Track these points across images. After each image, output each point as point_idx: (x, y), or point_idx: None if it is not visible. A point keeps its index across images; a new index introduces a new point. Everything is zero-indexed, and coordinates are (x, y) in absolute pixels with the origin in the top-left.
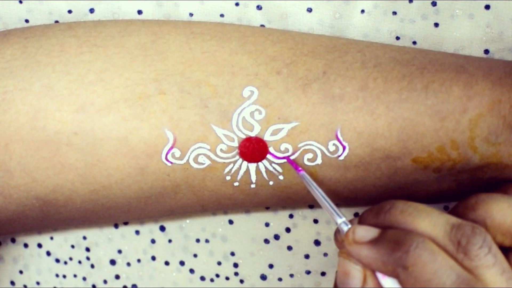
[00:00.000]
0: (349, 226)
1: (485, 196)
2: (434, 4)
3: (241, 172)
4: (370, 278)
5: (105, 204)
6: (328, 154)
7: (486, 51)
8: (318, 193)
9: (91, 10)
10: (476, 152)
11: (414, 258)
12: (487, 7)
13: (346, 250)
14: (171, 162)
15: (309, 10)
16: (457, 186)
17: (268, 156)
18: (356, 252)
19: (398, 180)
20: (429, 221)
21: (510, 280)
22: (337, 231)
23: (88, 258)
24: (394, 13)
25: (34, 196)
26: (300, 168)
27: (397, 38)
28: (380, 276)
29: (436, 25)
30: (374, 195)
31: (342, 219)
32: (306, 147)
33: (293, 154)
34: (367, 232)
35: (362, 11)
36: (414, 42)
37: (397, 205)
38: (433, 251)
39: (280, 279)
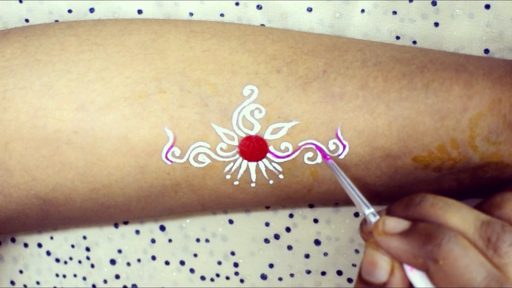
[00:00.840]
0: (377, 217)
1: (511, 195)
2: (434, 3)
3: (241, 171)
4: (398, 270)
5: (105, 203)
6: (328, 153)
7: (486, 51)
8: (346, 183)
9: (91, 10)
10: (476, 151)
11: (446, 252)
12: (487, 6)
13: (375, 240)
14: (171, 161)
15: (309, 9)
16: (458, 186)
17: (268, 155)
18: (386, 243)
19: (398, 179)
20: (460, 216)
21: None
22: (363, 222)
23: (88, 258)
24: (394, 12)
25: (34, 195)
26: (328, 157)
27: (397, 37)
28: (407, 268)
29: (436, 24)
30: (374, 194)
31: (370, 209)
32: (306, 146)
33: (293, 153)
34: (397, 224)
35: (362, 10)
36: (414, 42)
37: (427, 198)
38: (465, 246)
39: (280, 279)
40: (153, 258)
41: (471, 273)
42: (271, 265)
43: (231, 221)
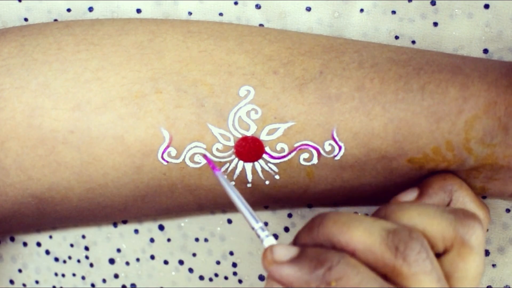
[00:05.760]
0: (265, 232)
1: (406, 204)
2: (433, 3)
3: (237, 172)
4: None
5: (102, 202)
6: (324, 154)
7: (485, 51)
8: (234, 195)
9: (90, 9)
10: (471, 153)
11: (338, 273)
12: (486, 6)
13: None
14: (167, 161)
15: (308, 9)
16: None
17: (264, 155)
18: (278, 272)
19: (394, 180)
20: (364, 228)
21: None
22: (266, 251)
23: (87, 257)
24: (393, 12)
25: (30, 194)
26: (217, 168)
27: (396, 37)
28: None
29: (435, 24)
30: (370, 195)
31: (258, 223)
32: (302, 147)
33: (289, 154)
34: (287, 251)
35: (361, 10)
36: (413, 42)
37: (329, 216)
38: (355, 265)
39: None
40: (152, 257)
41: None
42: None
43: (229, 221)
